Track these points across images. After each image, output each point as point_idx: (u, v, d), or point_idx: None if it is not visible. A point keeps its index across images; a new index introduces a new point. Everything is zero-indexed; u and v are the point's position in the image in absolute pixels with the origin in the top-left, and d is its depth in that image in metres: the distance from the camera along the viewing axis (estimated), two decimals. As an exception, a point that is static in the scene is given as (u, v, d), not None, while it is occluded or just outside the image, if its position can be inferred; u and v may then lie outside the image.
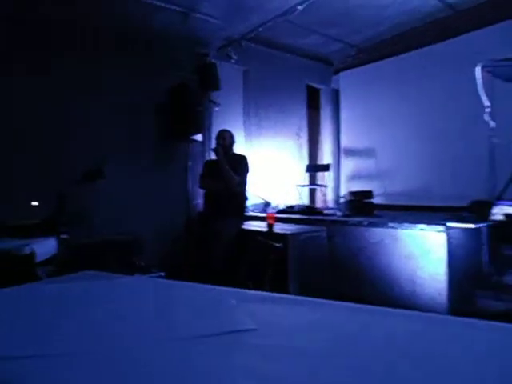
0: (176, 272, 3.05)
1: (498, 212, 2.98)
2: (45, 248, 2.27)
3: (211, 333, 0.89)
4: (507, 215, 2.88)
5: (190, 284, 1.28)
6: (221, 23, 4.58)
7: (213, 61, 4.82)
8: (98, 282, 1.32)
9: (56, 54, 3.74)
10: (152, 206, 4.26)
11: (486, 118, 3.25)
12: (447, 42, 4.87)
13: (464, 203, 3.39)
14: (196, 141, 4.59)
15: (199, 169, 4.26)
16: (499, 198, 3.10)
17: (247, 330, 0.91)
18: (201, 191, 4.16)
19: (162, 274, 1.78)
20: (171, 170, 4.63)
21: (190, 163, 4.60)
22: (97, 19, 3.97)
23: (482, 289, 3.05)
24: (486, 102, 3.21)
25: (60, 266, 2.26)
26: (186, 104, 4.33)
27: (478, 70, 3.18)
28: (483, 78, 3.18)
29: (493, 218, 3.01)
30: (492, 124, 3.25)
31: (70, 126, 3.78)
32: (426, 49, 5.12)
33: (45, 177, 3.44)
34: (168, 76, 4.46)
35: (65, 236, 2.52)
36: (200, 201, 4.43)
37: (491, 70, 3.20)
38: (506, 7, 4.25)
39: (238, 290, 1.20)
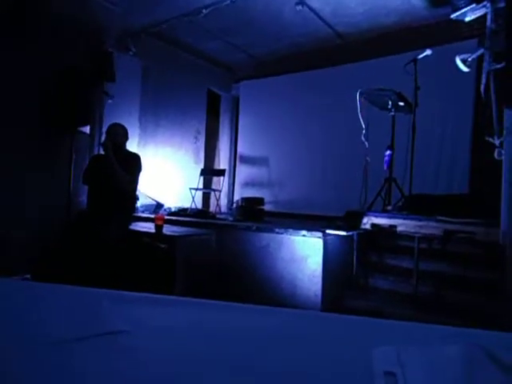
0: (51, 274, 2.75)
1: (367, 222, 3.37)
2: None
3: (78, 336, 0.81)
4: (373, 225, 3.28)
5: (58, 286, 1.16)
6: (121, 11, 4.34)
7: (110, 50, 4.52)
8: None
9: None
10: (24, 201, 3.77)
11: (363, 138, 3.68)
12: (336, 67, 5.39)
13: (341, 213, 3.76)
14: (83, 133, 4.23)
15: (85, 163, 3.92)
16: (369, 209, 3.52)
17: (119, 332, 0.86)
18: (86, 188, 3.83)
19: (28, 276, 1.57)
20: (51, 162, 4.16)
21: (74, 156, 4.19)
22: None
23: (351, 290, 3.42)
24: (363, 125, 3.64)
25: None
26: (74, 91, 3.94)
27: (357, 96, 3.58)
28: (361, 103, 3.59)
29: (363, 226, 3.39)
30: (366, 144, 3.68)
31: None
32: (317, 71, 5.60)
33: None
34: (56, 59, 4.03)
35: None
36: (84, 198, 4.08)
37: (367, 97, 3.64)
38: (389, 44, 4.91)
39: (113, 291, 1.13)
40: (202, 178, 5.86)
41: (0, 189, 3.61)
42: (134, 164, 3.46)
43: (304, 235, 3.15)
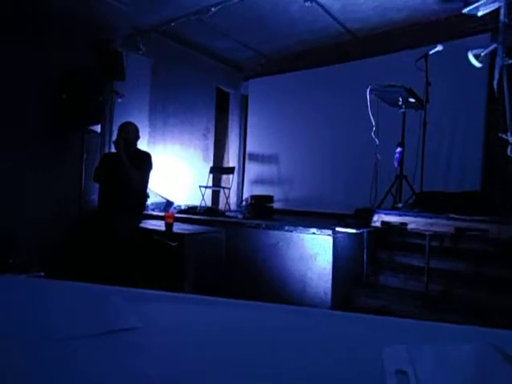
0: (63, 272, 2.78)
1: (377, 219, 3.35)
2: None
3: (92, 332, 0.83)
4: (384, 222, 3.26)
5: (71, 283, 1.18)
6: (129, 10, 4.36)
7: (119, 49, 4.55)
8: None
9: None
10: (36, 200, 3.83)
11: (373, 135, 3.64)
12: (346, 63, 5.35)
13: (351, 211, 3.74)
14: (94, 132, 4.27)
15: (96, 162, 3.96)
16: (379, 207, 3.49)
17: (131, 329, 0.87)
18: (97, 186, 3.87)
19: (42, 273, 1.59)
20: (63, 161, 4.22)
21: (85, 155, 4.24)
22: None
23: (361, 288, 3.40)
24: (373, 122, 3.60)
25: None
26: (85, 91, 3.98)
27: (368, 92, 3.55)
28: (371, 99, 3.56)
29: (373, 224, 3.37)
30: (377, 141, 3.65)
31: None
32: (327, 67, 5.56)
33: None
34: (66, 59, 4.08)
35: None
36: (96, 196, 4.13)
37: (378, 94, 3.60)
38: (400, 39, 4.86)
39: (124, 288, 1.14)
40: (211, 175, 5.88)
41: (12, 188, 3.67)
42: (144, 162, 3.48)
43: (314, 233, 3.15)
